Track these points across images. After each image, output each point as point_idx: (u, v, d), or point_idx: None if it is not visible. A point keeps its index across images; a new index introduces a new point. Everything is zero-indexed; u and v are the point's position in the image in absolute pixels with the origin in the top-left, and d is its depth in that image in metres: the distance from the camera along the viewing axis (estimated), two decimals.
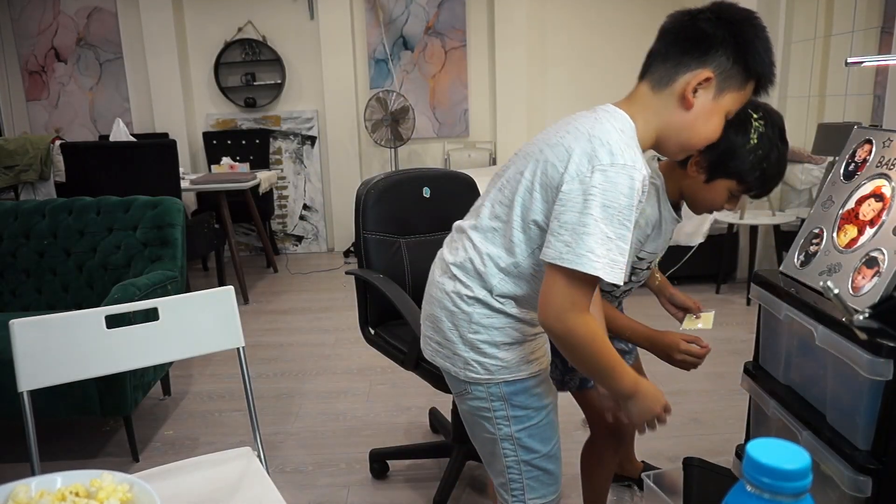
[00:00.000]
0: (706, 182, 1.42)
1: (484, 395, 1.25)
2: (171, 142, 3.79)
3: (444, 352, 1.27)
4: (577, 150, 1.07)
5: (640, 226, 1.45)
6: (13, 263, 2.71)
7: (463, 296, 1.21)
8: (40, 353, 1.33)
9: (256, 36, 5.32)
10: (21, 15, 5.40)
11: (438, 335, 1.27)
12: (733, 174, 1.38)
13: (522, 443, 1.27)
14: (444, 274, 1.26)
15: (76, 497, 0.90)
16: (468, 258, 1.21)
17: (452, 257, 1.25)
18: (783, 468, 0.54)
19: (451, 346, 1.24)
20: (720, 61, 1.09)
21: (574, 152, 1.07)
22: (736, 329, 3.45)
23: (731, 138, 1.34)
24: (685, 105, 1.12)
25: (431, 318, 1.29)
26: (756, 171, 1.37)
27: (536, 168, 1.12)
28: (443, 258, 1.29)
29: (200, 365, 3.17)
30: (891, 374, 1.07)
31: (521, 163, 1.17)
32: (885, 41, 3.92)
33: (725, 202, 1.44)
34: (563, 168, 1.08)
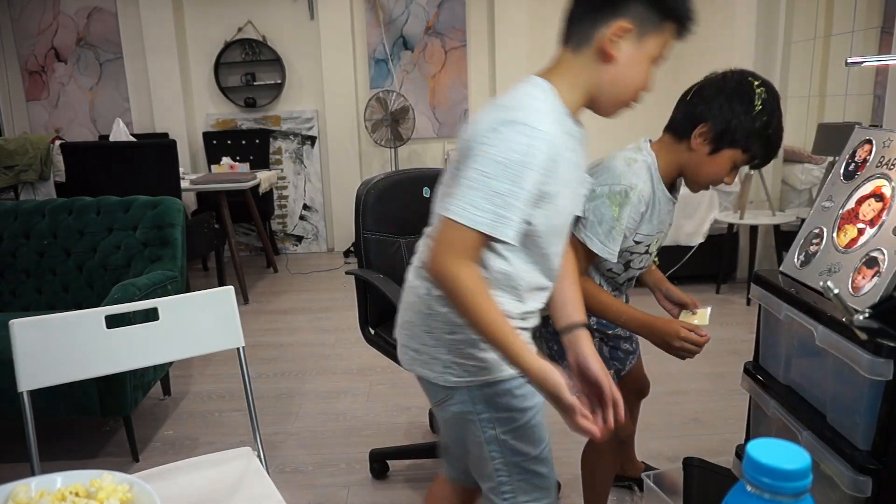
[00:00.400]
0: (710, 154, 1.42)
1: (466, 399, 1.21)
2: (171, 142, 3.79)
3: (423, 358, 1.22)
4: (481, 116, 1.08)
5: (632, 203, 1.42)
6: (13, 263, 2.71)
7: (436, 296, 1.17)
8: (40, 353, 1.33)
9: (256, 36, 5.32)
10: (21, 15, 5.40)
11: (415, 341, 1.23)
12: (740, 143, 1.39)
13: (510, 445, 1.23)
14: (417, 277, 1.22)
15: (76, 497, 0.90)
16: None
17: (420, 259, 1.22)
18: (783, 468, 0.54)
19: (429, 350, 1.20)
20: (634, 8, 1.07)
21: (478, 119, 1.08)
22: (736, 329, 3.45)
23: (737, 107, 1.37)
24: (607, 59, 1.09)
25: (407, 324, 1.25)
26: (762, 139, 1.38)
27: (459, 147, 1.11)
28: (412, 265, 1.26)
29: (200, 365, 3.17)
30: (891, 374, 1.07)
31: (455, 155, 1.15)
32: (885, 41, 3.92)
33: (728, 178, 1.45)
34: (468, 136, 1.07)
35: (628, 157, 1.46)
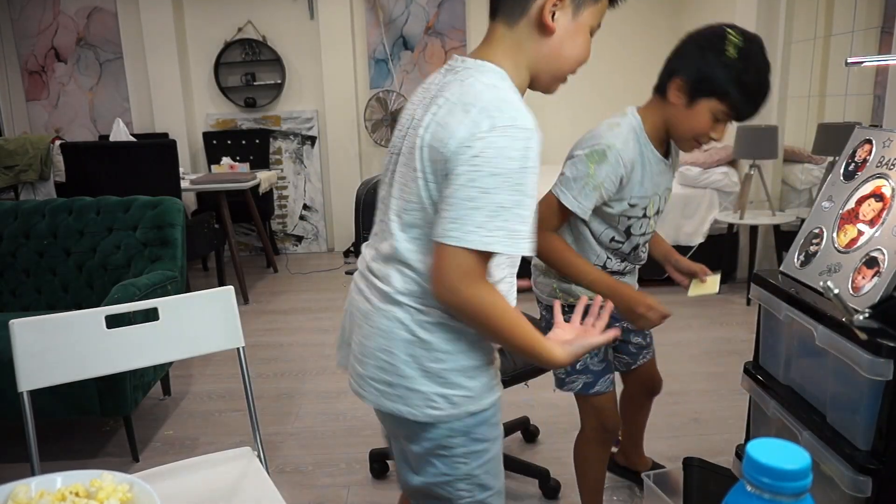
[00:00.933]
0: (688, 107, 1.41)
1: (444, 434, 1.09)
2: (171, 142, 3.79)
3: (396, 391, 1.07)
4: (452, 124, 0.97)
5: (609, 162, 1.42)
6: (13, 263, 2.71)
7: (420, 322, 1.05)
8: (40, 353, 1.33)
9: (256, 36, 5.32)
10: (21, 15, 5.40)
11: (387, 374, 1.07)
12: (715, 92, 1.37)
13: (479, 480, 1.13)
14: (387, 301, 1.07)
15: (76, 497, 0.90)
16: (414, 280, 1.05)
17: (390, 284, 1.07)
18: (783, 468, 0.54)
19: (408, 382, 1.06)
20: None
21: (451, 128, 0.97)
22: (736, 329, 3.45)
23: (708, 56, 1.36)
24: (546, 32, 1.03)
25: (375, 354, 1.08)
26: (738, 86, 1.35)
27: (422, 157, 1.00)
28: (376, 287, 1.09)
29: (200, 365, 3.17)
30: (891, 374, 1.07)
31: (406, 159, 1.05)
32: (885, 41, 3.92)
33: (711, 129, 1.42)
34: (444, 149, 0.97)
35: (611, 122, 1.49)
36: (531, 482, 2.12)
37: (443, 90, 1.03)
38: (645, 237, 1.60)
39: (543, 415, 2.54)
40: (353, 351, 1.13)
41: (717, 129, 1.42)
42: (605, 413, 1.70)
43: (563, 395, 1.72)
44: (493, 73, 1.03)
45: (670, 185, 1.59)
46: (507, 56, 1.05)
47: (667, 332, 1.82)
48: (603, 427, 1.73)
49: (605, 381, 1.68)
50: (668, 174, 1.57)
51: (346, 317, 1.19)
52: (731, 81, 1.35)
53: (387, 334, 1.07)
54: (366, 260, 1.15)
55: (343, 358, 1.20)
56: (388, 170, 1.11)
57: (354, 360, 1.13)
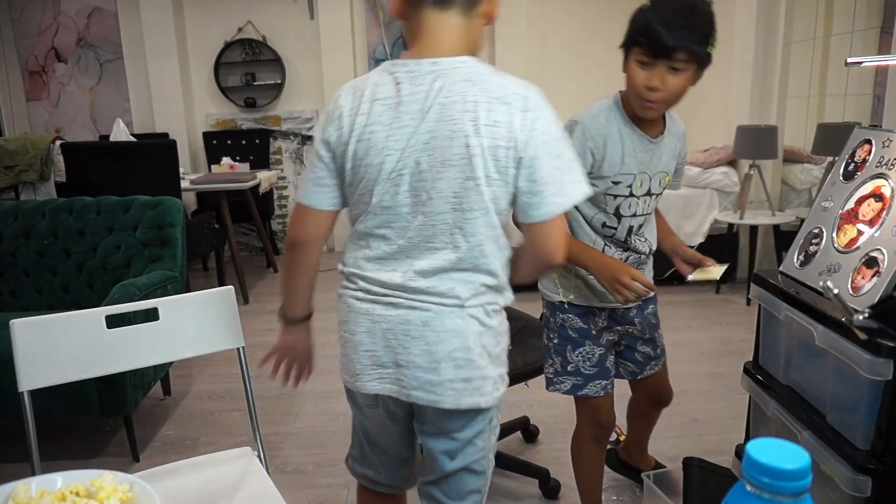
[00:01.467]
0: (625, 70, 1.46)
1: (494, 412, 1.18)
2: (171, 142, 3.79)
3: (474, 384, 1.12)
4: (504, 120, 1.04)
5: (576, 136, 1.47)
6: (13, 263, 2.71)
7: (489, 311, 1.13)
8: (40, 353, 1.33)
9: (256, 36, 5.32)
10: (21, 15, 5.41)
11: (465, 370, 1.11)
12: (632, 39, 1.42)
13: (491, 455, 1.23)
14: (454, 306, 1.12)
15: (76, 497, 0.90)
16: (482, 283, 1.12)
17: (455, 296, 1.11)
18: (783, 468, 0.54)
19: (482, 371, 1.13)
20: None
21: (506, 124, 1.04)
22: (736, 329, 3.45)
23: (634, 16, 1.43)
24: (490, 20, 1.13)
25: (450, 357, 1.11)
26: (645, 23, 1.38)
27: (485, 162, 1.05)
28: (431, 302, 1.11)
29: (200, 365, 3.17)
30: (891, 374, 1.07)
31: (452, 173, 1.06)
32: (884, 41, 3.92)
33: (644, 80, 1.41)
34: (512, 143, 1.05)
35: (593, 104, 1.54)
36: (531, 482, 2.13)
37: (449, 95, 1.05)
38: (637, 220, 1.56)
39: (543, 415, 2.54)
40: (414, 364, 1.12)
41: (648, 75, 1.40)
42: (599, 411, 1.69)
43: (562, 395, 1.72)
44: (480, 63, 1.10)
45: (667, 168, 1.56)
46: (465, 44, 1.11)
47: (667, 332, 1.81)
48: (596, 423, 1.72)
49: (596, 385, 1.65)
50: (660, 154, 1.54)
51: (374, 338, 1.16)
52: (641, 21, 1.40)
53: (461, 333, 1.11)
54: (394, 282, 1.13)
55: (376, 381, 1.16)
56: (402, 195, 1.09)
57: (420, 371, 1.12)
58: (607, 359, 1.66)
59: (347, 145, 1.10)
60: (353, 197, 1.15)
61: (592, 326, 1.64)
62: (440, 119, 1.05)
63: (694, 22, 1.37)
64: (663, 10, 1.38)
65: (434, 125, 1.05)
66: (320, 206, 1.17)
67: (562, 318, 1.65)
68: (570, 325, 1.65)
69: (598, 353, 1.64)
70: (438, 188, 1.06)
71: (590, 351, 1.64)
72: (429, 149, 1.06)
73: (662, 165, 1.56)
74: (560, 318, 1.65)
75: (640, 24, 1.40)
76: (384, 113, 1.08)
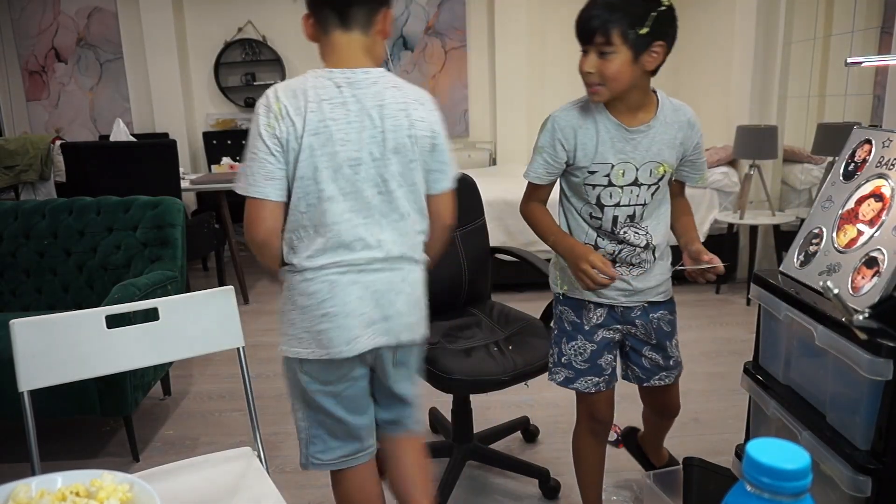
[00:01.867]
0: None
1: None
2: (171, 142, 3.79)
3: (424, 320, 1.46)
4: (426, 116, 1.36)
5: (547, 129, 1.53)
6: (13, 263, 2.71)
7: (424, 265, 1.46)
8: (40, 353, 1.33)
9: (256, 36, 5.32)
10: (21, 15, 5.41)
11: (422, 310, 1.44)
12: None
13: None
14: (412, 263, 1.41)
15: (76, 497, 0.90)
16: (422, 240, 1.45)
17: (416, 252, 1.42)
18: (783, 468, 0.54)
19: (425, 310, 1.45)
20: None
21: (427, 119, 1.36)
22: (736, 329, 3.45)
23: None
24: (385, 35, 1.38)
25: (419, 303, 1.42)
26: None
27: (416, 148, 1.34)
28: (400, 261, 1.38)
29: (200, 365, 3.17)
30: (891, 374, 1.07)
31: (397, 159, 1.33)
32: (884, 41, 3.92)
33: (580, 65, 1.46)
34: (432, 133, 1.37)
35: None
36: (531, 482, 2.13)
37: (384, 98, 1.32)
38: (623, 210, 1.53)
39: (543, 415, 2.54)
40: (400, 312, 1.37)
41: (582, 62, 1.46)
42: (594, 406, 1.68)
43: (563, 395, 1.72)
44: (389, 74, 1.36)
45: (660, 158, 1.51)
46: (370, 56, 1.36)
47: None
48: (591, 417, 1.70)
49: (587, 381, 1.64)
50: (647, 144, 1.50)
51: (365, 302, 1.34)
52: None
53: (419, 283, 1.42)
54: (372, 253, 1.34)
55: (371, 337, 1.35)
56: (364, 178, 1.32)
57: (405, 317, 1.38)
58: (601, 356, 1.63)
59: (302, 138, 1.26)
60: (302, 190, 1.30)
61: (585, 321, 1.62)
62: (384, 117, 1.31)
63: (615, 4, 1.37)
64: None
65: (380, 122, 1.30)
66: (275, 197, 1.29)
67: (560, 310, 1.67)
68: (565, 318, 1.65)
69: (589, 349, 1.63)
70: (390, 171, 1.33)
71: (581, 346, 1.63)
72: (378, 141, 1.31)
73: (653, 155, 1.51)
74: (559, 310, 1.67)
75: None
76: (333, 110, 1.28)
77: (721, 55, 4.53)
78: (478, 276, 2.27)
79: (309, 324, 1.32)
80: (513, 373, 1.87)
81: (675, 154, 1.55)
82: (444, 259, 2.20)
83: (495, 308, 2.24)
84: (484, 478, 2.20)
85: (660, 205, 1.59)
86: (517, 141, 5.36)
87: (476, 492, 2.13)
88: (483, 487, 2.14)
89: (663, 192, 1.58)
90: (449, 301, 2.23)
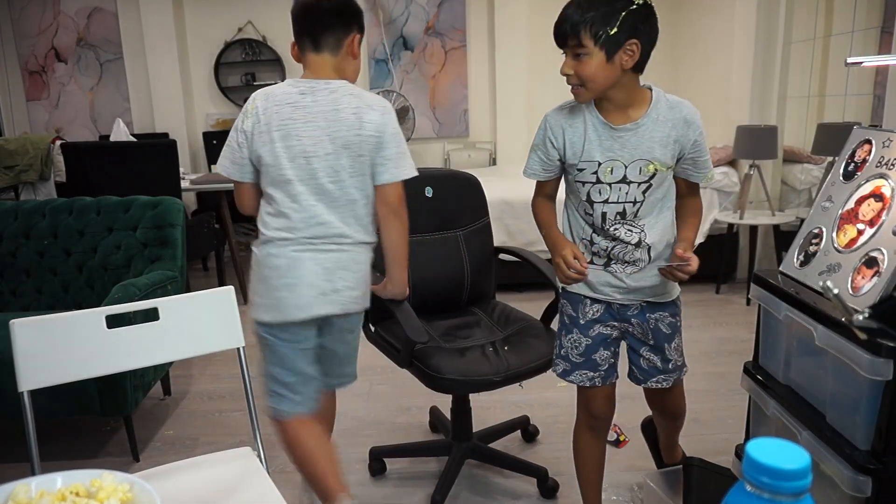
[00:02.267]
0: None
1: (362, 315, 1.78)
2: (171, 142, 3.79)
3: (365, 295, 1.70)
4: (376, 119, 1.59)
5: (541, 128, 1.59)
6: (13, 263, 2.71)
7: (371, 249, 1.70)
8: (40, 353, 1.33)
9: (256, 36, 5.32)
10: (21, 15, 5.41)
11: (365, 287, 1.69)
12: None
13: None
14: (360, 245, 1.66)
15: (76, 497, 0.90)
16: (367, 226, 1.67)
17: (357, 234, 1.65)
18: (783, 468, 0.54)
19: (367, 287, 1.70)
20: (359, 24, 1.66)
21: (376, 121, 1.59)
22: (736, 329, 3.45)
23: None
24: (354, 56, 1.66)
25: (363, 281, 1.67)
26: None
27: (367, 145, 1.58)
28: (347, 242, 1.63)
29: (200, 365, 3.17)
30: (891, 374, 1.07)
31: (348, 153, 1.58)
32: (885, 41, 3.92)
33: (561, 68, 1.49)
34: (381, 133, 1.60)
35: None
36: (530, 481, 2.13)
37: (339, 104, 1.58)
38: (612, 206, 1.53)
39: (542, 414, 2.54)
40: (347, 287, 1.63)
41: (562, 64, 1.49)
42: (590, 400, 1.69)
43: (562, 395, 1.72)
44: (349, 84, 1.63)
45: (651, 156, 1.50)
46: (337, 72, 1.64)
47: None
48: (587, 412, 1.71)
49: (582, 375, 1.65)
50: (636, 142, 1.49)
51: (318, 275, 1.60)
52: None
53: (364, 264, 1.68)
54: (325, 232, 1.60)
55: (322, 305, 1.61)
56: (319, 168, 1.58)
57: (352, 291, 1.64)
58: (596, 351, 1.64)
59: (268, 133, 1.57)
60: (269, 175, 1.59)
61: (581, 316, 1.64)
62: (338, 119, 1.57)
63: (585, 6, 1.40)
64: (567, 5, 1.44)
65: (335, 123, 1.57)
66: (239, 178, 1.63)
67: (561, 304, 1.70)
68: (564, 311, 1.68)
69: (584, 344, 1.64)
70: (341, 163, 1.58)
71: (577, 339, 1.65)
72: (332, 137, 1.57)
73: (641, 153, 1.50)
74: (560, 303, 1.71)
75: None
76: (294, 112, 1.57)
77: (721, 55, 4.52)
78: (481, 276, 2.27)
79: (272, 292, 1.59)
80: (505, 373, 1.87)
81: (670, 152, 1.51)
82: (445, 259, 2.21)
83: (497, 308, 2.24)
84: (483, 477, 2.20)
85: (659, 204, 1.56)
86: (517, 141, 5.36)
87: (475, 490, 2.13)
88: (482, 486, 2.14)
89: (663, 192, 1.56)
90: (451, 300, 2.23)
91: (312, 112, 1.57)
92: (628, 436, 2.34)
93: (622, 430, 2.35)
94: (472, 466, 2.23)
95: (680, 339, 1.67)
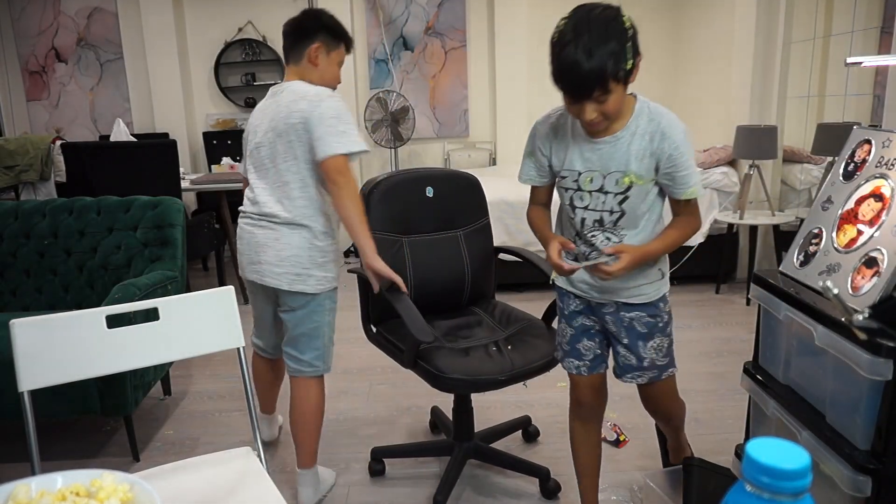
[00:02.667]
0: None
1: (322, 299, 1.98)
2: (171, 142, 3.79)
3: (301, 278, 1.91)
4: (302, 107, 1.83)
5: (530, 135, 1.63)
6: (13, 263, 2.71)
7: (317, 233, 1.93)
8: (40, 353, 1.33)
9: (256, 36, 5.32)
10: (21, 15, 5.41)
11: (298, 268, 1.91)
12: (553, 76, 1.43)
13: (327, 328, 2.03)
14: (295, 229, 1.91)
15: (76, 497, 0.90)
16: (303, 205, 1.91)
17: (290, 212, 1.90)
18: (783, 468, 0.54)
19: (308, 271, 1.91)
20: (321, 36, 1.94)
21: (303, 109, 1.82)
22: (736, 329, 3.45)
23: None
24: (315, 63, 1.95)
25: (288, 259, 1.90)
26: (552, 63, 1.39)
27: (297, 131, 1.84)
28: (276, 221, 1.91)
29: (200, 365, 3.17)
30: (890, 374, 1.07)
31: (283, 140, 1.87)
32: (884, 41, 3.92)
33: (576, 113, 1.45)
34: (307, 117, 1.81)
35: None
36: (531, 481, 2.13)
37: (282, 100, 1.88)
38: (591, 213, 1.54)
39: (543, 414, 2.54)
40: (267, 262, 1.91)
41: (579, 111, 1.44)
42: (577, 388, 1.75)
43: (562, 395, 1.72)
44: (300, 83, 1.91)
45: (627, 169, 1.49)
46: (303, 79, 1.94)
47: None
48: (575, 399, 1.76)
49: (569, 363, 1.73)
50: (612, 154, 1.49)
51: (245, 247, 1.98)
52: (554, 67, 1.40)
53: (294, 246, 1.90)
54: (249, 213, 1.97)
55: (250, 273, 1.98)
56: (264, 156, 1.92)
57: (270, 266, 1.91)
58: (580, 341, 1.70)
59: (249, 132, 2.00)
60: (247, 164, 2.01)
61: (566, 307, 1.72)
62: (277, 112, 1.88)
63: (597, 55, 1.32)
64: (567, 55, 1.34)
65: (275, 116, 1.88)
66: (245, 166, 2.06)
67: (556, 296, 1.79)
68: (557, 303, 1.77)
69: (569, 333, 1.72)
70: (277, 149, 1.88)
71: (563, 329, 1.74)
72: (271, 128, 1.89)
73: (618, 165, 1.49)
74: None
75: (554, 70, 1.39)
76: (259, 113, 1.97)
77: (721, 55, 4.53)
78: (481, 276, 2.28)
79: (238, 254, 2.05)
80: (510, 373, 1.87)
81: (646, 165, 1.48)
82: (446, 259, 2.21)
83: (497, 307, 2.24)
84: (484, 476, 2.20)
85: (645, 216, 1.55)
86: (517, 141, 5.35)
87: (476, 490, 2.13)
88: (483, 486, 2.14)
89: (647, 205, 1.54)
90: (452, 300, 2.24)
91: (267, 111, 1.93)
92: (628, 436, 2.34)
93: (622, 430, 2.35)
94: (474, 467, 2.23)
95: (663, 340, 1.64)
